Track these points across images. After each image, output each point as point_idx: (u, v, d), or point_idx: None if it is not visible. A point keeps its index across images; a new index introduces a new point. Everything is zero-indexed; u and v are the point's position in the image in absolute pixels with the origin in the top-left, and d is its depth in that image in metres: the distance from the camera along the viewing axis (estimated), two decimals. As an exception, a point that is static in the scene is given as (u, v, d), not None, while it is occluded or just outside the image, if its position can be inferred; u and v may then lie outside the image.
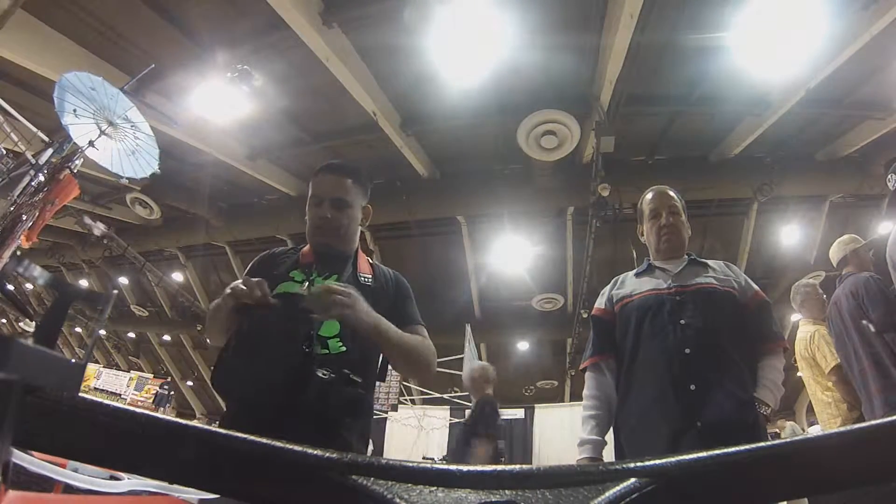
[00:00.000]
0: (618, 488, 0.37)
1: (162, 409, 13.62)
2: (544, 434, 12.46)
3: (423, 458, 11.22)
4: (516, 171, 10.93)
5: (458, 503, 0.37)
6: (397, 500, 0.36)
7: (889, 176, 3.40)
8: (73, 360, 0.40)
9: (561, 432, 11.89)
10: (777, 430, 10.91)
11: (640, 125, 9.69)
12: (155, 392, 14.68)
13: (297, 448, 0.39)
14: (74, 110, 6.07)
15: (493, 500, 0.37)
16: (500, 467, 0.38)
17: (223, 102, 8.52)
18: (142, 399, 14.29)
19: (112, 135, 6.47)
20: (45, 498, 2.13)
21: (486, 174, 11.09)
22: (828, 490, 0.38)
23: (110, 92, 6.29)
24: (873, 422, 0.37)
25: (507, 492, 0.37)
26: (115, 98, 6.34)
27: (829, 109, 9.29)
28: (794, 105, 8.58)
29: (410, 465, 0.39)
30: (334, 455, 0.39)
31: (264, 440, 0.39)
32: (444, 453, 12.07)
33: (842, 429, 0.38)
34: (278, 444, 0.39)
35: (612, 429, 2.35)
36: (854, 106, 9.21)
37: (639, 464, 0.39)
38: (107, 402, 0.39)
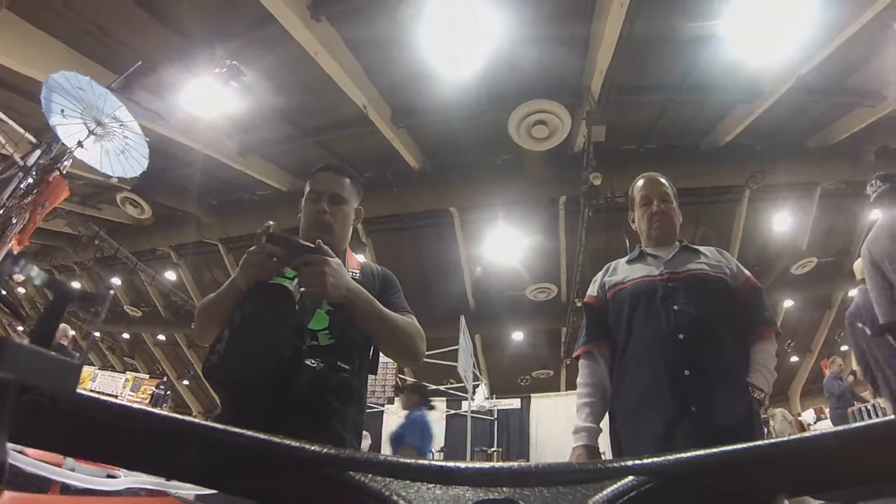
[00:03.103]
0: (616, 486, 0.37)
1: (159, 408, 13.60)
2: (541, 423, 12.53)
3: (421, 450, 11.25)
4: (508, 161, 10.94)
5: (456, 500, 0.37)
6: (395, 497, 0.36)
7: (873, 182, 3.46)
8: (70, 360, 0.40)
9: (557, 421, 11.95)
10: (768, 417, 10.97)
11: (632, 114, 9.70)
12: (151, 392, 14.63)
13: (295, 443, 0.39)
14: (62, 110, 6.04)
15: (492, 497, 0.37)
16: (498, 465, 0.38)
17: (212, 99, 8.47)
18: (138, 399, 14.20)
19: (101, 134, 6.44)
20: (44, 499, 2.12)
21: (478, 165, 11.09)
22: (825, 489, 0.39)
23: (98, 91, 6.26)
24: (871, 421, 0.38)
25: (505, 489, 0.37)
26: (103, 97, 6.31)
27: (820, 97, 9.34)
28: (786, 93, 8.61)
29: (409, 461, 0.39)
30: (332, 451, 0.39)
31: (262, 436, 0.39)
32: (442, 444, 12.11)
33: (840, 428, 0.39)
34: (276, 439, 0.39)
35: (606, 416, 2.36)
36: (845, 93, 9.25)
37: (637, 462, 0.39)
38: (103, 398, 0.39)
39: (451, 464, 0.38)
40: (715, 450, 0.38)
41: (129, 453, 0.40)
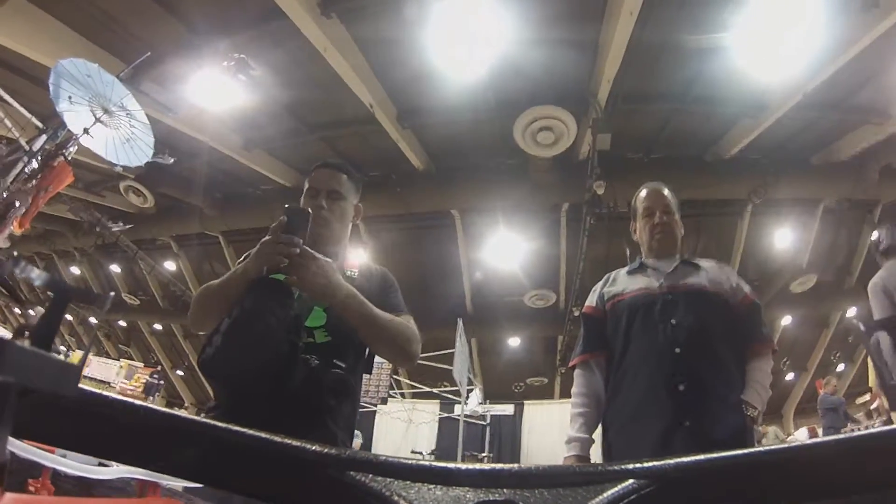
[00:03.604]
0: (616, 489, 0.38)
1: (151, 398, 13.54)
2: (533, 431, 12.52)
3: (412, 451, 11.27)
4: (512, 166, 10.93)
5: (457, 501, 0.37)
6: (395, 498, 0.36)
7: (888, 229, 3.68)
8: (69, 360, 0.40)
9: (550, 429, 11.95)
10: (760, 435, 10.97)
11: (637, 123, 9.70)
12: (145, 381, 14.58)
13: (297, 443, 0.39)
14: (69, 97, 6.05)
15: (492, 498, 0.37)
16: (498, 466, 0.38)
17: (219, 91, 8.46)
18: (131, 388, 14.17)
19: (107, 122, 6.45)
20: (44, 499, 2.12)
21: (482, 169, 11.08)
22: (824, 496, 0.39)
23: (106, 79, 6.28)
24: (870, 430, 0.38)
25: (505, 490, 0.37)
26: (110, 85, 6.33)
27: (826, 113, 9.31)
28: (792, 108, 8.60)
29: (409, 462, 0.39)
30: (333, 451, 0.39)
31: (265, 435, 0.39)
32: (433, 447, 12.11)
33: (839, 436, 0.39)
34: (277, 438, 0.39)
35: (600, 427, 2.36)
36: (851, 110, 9.24)
37: (637, 465, 0.39)
38: (106, 393, 0.39)
39: (451, 465, 0.38)
40: (716, 455, 0.39)
41: (132, 450, 0.40)
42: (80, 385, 0.38)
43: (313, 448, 0.39)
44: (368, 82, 8.49)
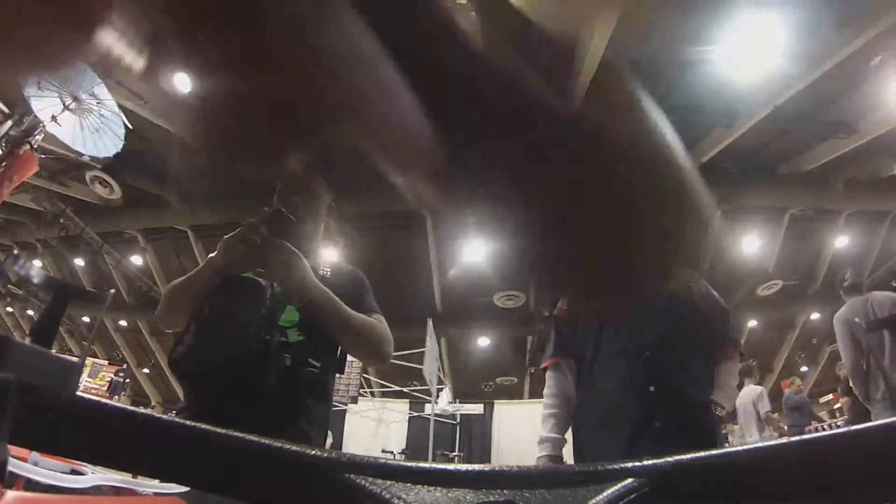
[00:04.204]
0: (615, 488, 0.38)
1: (117, 397, 13.24)
2: (504, 430, 12.54)
3: (383, 450, 11.21)
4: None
5: (457, 503, 0.37)
6: (395, 501, 0.36)
7: (843, 272, 4.13)
8: (70, 359, 0.39)
9: (520, 429, 11.98)
10: (727, 433, 11.16)
11: (613, 129, 9.77)
12: (109, 379, 14.22)
13: (295, 447, 0.39)
14: (38, 82, 5.89)
15: (492, 499, 0.37)
16: (498, 467, 0.39)
17: (192, 80, 8.28)
18: (96, 386, 13.80)
19: (76, 110, 6.28)
20: (44, 498, 2.07)
21: (454, 168, 11.05)
22: (826, 492, 0.39)
23: (77, 65, 6.12)
24: (875, 422, 0.38)
25: (505, 491, 0.37)
26: (82, 72, 6.17)
27: (795, 126, 9.55)
28: (763, 119, 8.81)
29: (409, 464, 0.39)
30: (332, 454, 0.39)
31: (263, 440, 0.39)
32: (404, 446, 12.07)
33: (841, 430, 0.39)
34: (276, 443, 0.38)
35: (571, 428, 2.38)
36: (819, 124, 9.51)
37: (637, 464, 0.39)
38: (105, 400, 0.39)
39: (451, 466, 0.38)
40: (715, 451, 0.39)
41: (129, 456, 0.40)
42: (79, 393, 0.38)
43: (312, 452, 0.39)
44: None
